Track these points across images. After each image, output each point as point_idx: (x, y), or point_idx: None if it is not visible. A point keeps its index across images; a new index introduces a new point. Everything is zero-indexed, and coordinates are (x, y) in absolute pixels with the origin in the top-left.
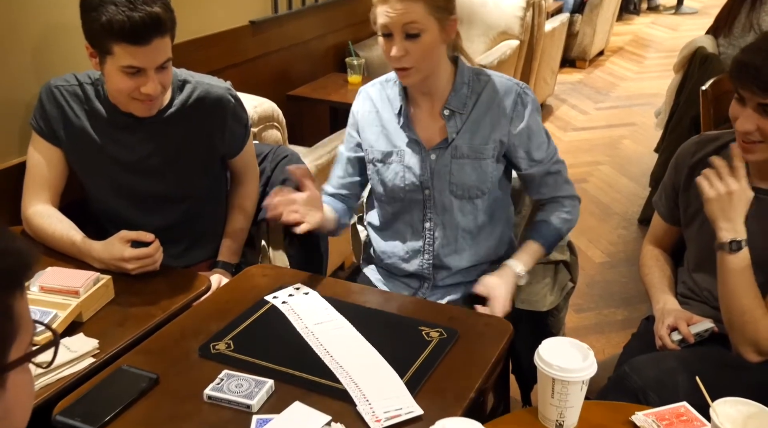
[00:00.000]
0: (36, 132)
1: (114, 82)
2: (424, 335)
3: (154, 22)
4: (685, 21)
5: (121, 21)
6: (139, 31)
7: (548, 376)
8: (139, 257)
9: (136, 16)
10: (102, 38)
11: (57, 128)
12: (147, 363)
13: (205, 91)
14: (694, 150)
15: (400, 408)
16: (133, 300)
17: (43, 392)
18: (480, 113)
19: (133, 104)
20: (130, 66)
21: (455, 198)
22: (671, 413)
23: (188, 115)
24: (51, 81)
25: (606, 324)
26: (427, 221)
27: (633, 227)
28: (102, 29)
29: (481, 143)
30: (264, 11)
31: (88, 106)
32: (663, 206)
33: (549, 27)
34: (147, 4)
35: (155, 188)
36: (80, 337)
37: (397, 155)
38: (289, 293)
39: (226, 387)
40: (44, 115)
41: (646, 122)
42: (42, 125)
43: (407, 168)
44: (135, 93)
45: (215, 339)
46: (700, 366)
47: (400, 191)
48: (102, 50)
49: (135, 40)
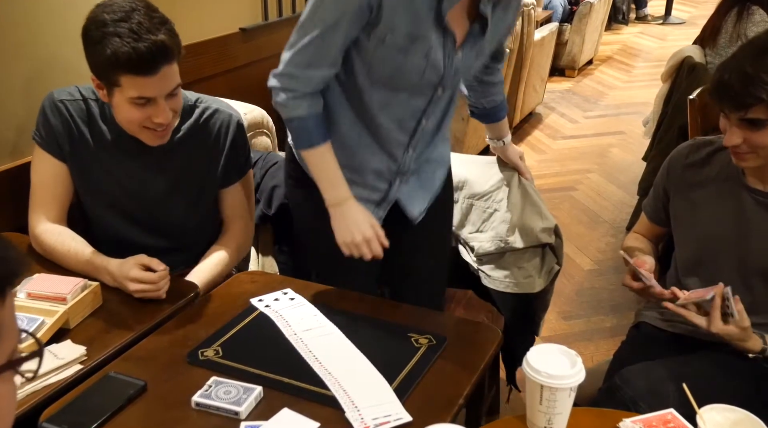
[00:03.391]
0: (39, 146)
1: (124, 114)
2: (413, 341)
3: (160, 50)
4: (673, 31)
5: (127, 53)
6: (146, 61)
7: (536, 383)
8: (143, 280)
9: (142, 47)
10: (108, 71)
11: (62, 142)
12: (135, 370)
13: (212, 115)
14: (687, 152)
15: (389, 414)
16: (121, 307)
17: (30, 399)
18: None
19: (145, 134)
20: (140, 97)
21: (453, 93)
22: (658, 420)
23: (193, 140)
24: (54, 94)
25: (594, 331)
26: (426, 118)
27: (621, 235)
28: (108, 62)
29: (493, 39)
30: (254, 18)
31: (92, 125)
32: (650, 205)
33: (538, 36)
34: (151, 33)
35: (156, 212)
36: (67, 344)
37: (423, 45)
38: (275, 297)
39: (214, 393)
40: (48, 129)
41: (635, 130)
42: (46, 139)
43: (432, 64)
44: (146, 122)
45: (204, 345)
46: (689, 376)
47: (408, 84)
48: (109, 82)
49: (142, 71)
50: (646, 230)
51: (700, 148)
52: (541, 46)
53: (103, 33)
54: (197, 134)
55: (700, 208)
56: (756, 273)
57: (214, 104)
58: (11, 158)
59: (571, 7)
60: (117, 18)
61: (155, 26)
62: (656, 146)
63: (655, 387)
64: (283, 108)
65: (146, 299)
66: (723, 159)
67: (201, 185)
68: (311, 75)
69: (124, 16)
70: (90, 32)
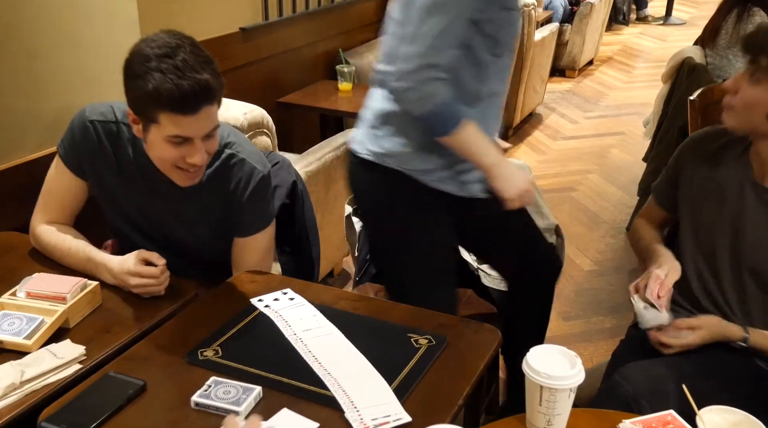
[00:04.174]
0: (62, 159)
1: (158, 151)
2: (412, 342)
3: (203, 90)
4: (674, 32)
5: (170, 89)
6: (188, 100)
7: (536, 383)
8: (143, 274)
9: (185, 85)
10: (148, 106)
11: (85, 164)
12: (134, 370)
13: (234, 165)
14: (702, 140)
15: (388, 415)
16: (121, 306)
17: (29, 398)
18: None
19: (176, 173)
20: (177, 136)
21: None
22: (658, 421)
23: (212, 186)
24: (87, 112)
25: (594, 332)
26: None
27: (621, 236)
28: (148, 97)
29: None
30: (254, 18)
31: (120, 149)
32: (660, 188)
33: (539, 36)
34: (195, 71)
35: (172, 238)
36: (67, 343)
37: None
38: (275, 297)
39: (213, 393)
40: (75, 148)
41: (635, 131)
42: (69, 155)
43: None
44: (180, 162)
45: (203, 345)
46: (690, 375)
47: (512, 46)
48: (147, 118)
49: (183, 110)
50: (653, 214)
51: (717, 136)
52: (542, 47)
53: (146, 68)
54: (217, 182)
55: (706, 197)
56: (747, 269)
57: (242, 154)
58: (11, 157)
59: (572, 8)
60: (161, 53)
61: (200, 65)
62: (656, 147)
63: (655, 385)
64: (427, 100)
65: (146, 298)
66: (737, 150)
67: (216, 229)
68: (448, 58)
69: (169, 52)
70: (132, 66)
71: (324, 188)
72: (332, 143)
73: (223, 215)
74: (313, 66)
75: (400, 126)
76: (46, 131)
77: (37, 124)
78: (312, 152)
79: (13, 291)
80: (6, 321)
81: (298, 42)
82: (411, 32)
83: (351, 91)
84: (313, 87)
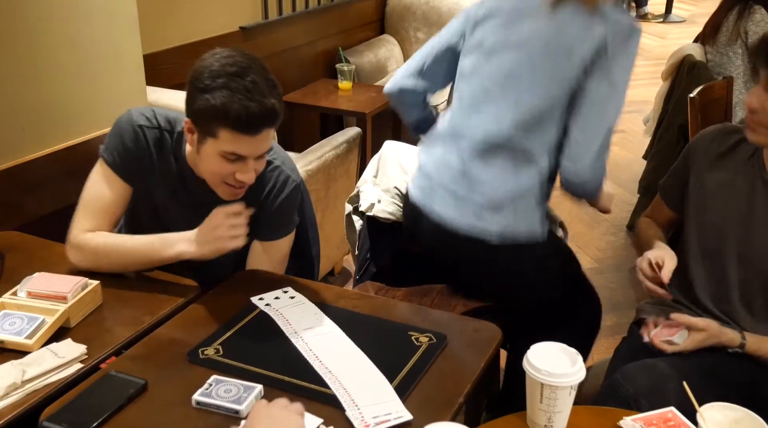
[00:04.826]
0: (109, 166)
1: (210, 165)
2: (413, 340)
3: (269, 114)
4: (674, 29)
5: (238, 110)
6: (254, 121)
7: (537, 381)
8: (237, 212)
9: (254, 107)
10: (211, 121)
11: (133, 168)
12: (135, 369)
13: (271, 170)
14: (713, 137)
15: (389, 413)
16: (122, 306)
17: (31, 398)
18: None
19: (222, 188)
20: (233, 153)
21: None
22: (659, 418)
23: (251, 190)
24: (133, 116)
25: None
26: None
27: (621, 234)
28: (214, 112)
29: None
30: (254, 17)
31: (163, 157)
32: (667, 185)
33: None
34: (264, 96)
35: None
36: (68, 342)
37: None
38: (276, 296)
39: (214, 392)
40: (123, 153)
41: (635, 129)
42: (119, 162)
43: None
44: (229, 178)
45: (204, 344)
46: (690, 373)
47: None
48: (206, 131)
49: (246, 130)
50: (658, 213)
51: (728, 134)
52: None
53: (216, 83)
54: (252, 188)
55: (714, 196)
56: (755, 267)
57: (278, 160)
58: (9, 157)
59: None
60: (233, 71)
61: (268, 89)
62: (656, 145)
63: (656, 384)
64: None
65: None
66: (747, 150)
67: (249, 238)
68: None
69: (241, 72)
70: (201, 78)
71: (324, 186)
72: (332, 142)
73: (254, 217)
74: (313, 65)
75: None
76: (44, 131)
77: (35, 124)
78: (312, 150)
79: (13, 291)
80: (7, 321)
81: (298, 41)
82: (597, 146)
83: (351, 90)
84: (313, 86)
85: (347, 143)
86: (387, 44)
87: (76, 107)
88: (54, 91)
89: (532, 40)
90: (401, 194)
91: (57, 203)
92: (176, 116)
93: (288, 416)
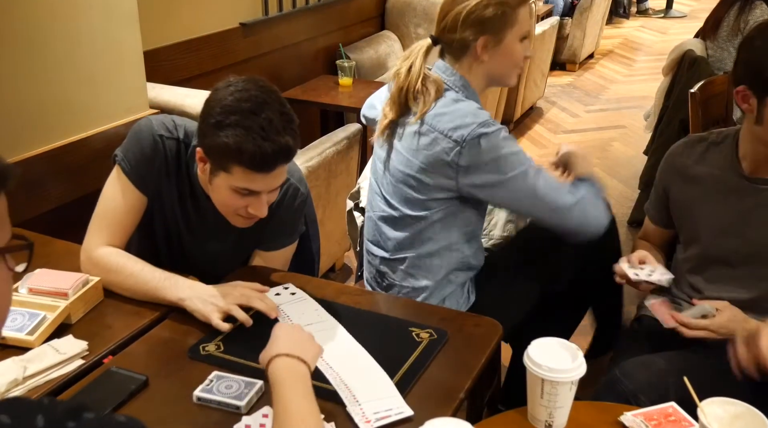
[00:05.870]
0: (124, 173)
1: (221, 197)
2: (414, 336)
3: (283, 153)
4: (674, 24)
5: (252, 151)
6: (268, 161)
7: (537, 377)
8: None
9: (268, 147)
10: (223, 157)
11: (149, 179)
12: (136, 365)
13: (282, 186)
14: (681, 151)
15: (390, 408)
16: (123, 302)
17: (32, 394)
18: None
19: (234, 218)
20: (245, 189)
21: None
22: (659, 413)
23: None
24: (154, 126)
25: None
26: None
27: (622, 229)
28: (227, 149)
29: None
30: (254, 13)
31: (180, 169)
32: (653, 209)
33: (539, 30)
34: (279, 134)
35: (198, 259)
36: (69, 339)
37: None
38: (277, 292)
39: (215, 388)
40: (142, 162)
41: (636, 124)
42: (136, 170)
43: None
44: (240, 210)
45: (205, 340)
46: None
47: None
48: (218, 165)
49: (259, 169)
50: (651, 234)
51: (694, 145)
52: (542, 41)
53: (229, 121)
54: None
55: (701, 205)
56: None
57: (293, 177)
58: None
59: (572, 1)
60: (247, 108)
61: (283, 126)
62: (657, 140)
63: (655, 380)
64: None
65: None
66: (718, 153)
67: (247, 246)
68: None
69: (256, 109)
70: (213, 113)
71: (325, 183)
72: (333, 138)
73: (258, 233)
74: (314, 61)
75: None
76: (44, 128)
77: (35, 121)
78: (313, 147)
79: (15, 287)
80: (8, 317)
81: (298, 37)
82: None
83: (351, 86)
84: (314, 82)
85: (348, 139)
86: (387, 40)
87: (75, 104)
88: (53, 88)
89: None
90: None
91: (58, 200)
92: (195, 130)
93: (310, 339)
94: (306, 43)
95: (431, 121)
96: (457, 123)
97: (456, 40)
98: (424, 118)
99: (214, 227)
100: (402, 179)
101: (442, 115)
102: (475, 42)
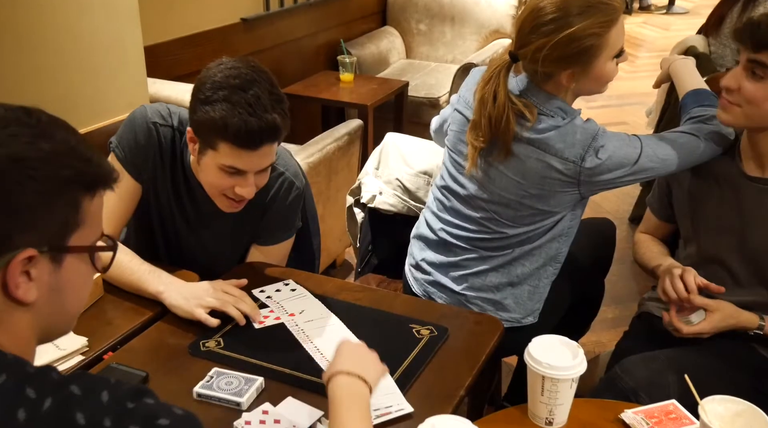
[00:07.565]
0: (119, 160)
1: (209, 176)
2: (414, 332)
3: (270, 129)
4: (677, 21)
5: (237, 125)
6: (253, 137)
7: (538, 374)
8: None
9: (253, 122)
10: (210, 133)
11: (144, 166)
12: (136, 361)
13: (278, 177)
14: None
15: (390, 405)
16: (122, 298)
17: None
18: None
19: (221, 199)
20: (232, 167)
21: None
22: (660, 411)
23: (253, 199)
24: (148, 113)
25: (596, 322)
26: None
27: (624, 226)
28: (213, 124)
29: None
30: (256, 9)
31: (175, 156)
32: (656, 202)
33: None
34: (266, 111)
35: (195, 251)
36: (69, 335)
37: None
38: (277, 288)
39: (215, 384)
40: (135, 150)
41: (638, 121)
42: (129, 158)
43: None
44: (228, 191)
45: (205, 336)
46: (691, 367)
47: None
48: (206, 143)
49: (245, 145)
50: (653, 229)
51: None
52: None
53: (217, 95)
54: (262, 192)
55: (702, 201)
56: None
57: (281, 166)
58: None
59: None
60: (235, 84)
61: (271, 104)
62: None
63: (655, 377)
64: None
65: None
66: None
67: (242, 239)
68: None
69: (244, 85)
70: (203, 89)
71: (325, 179)
72: (334, 134)
73: (253, 225)
74: (315, 57)
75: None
76: None
77: None
78: (313, 142)
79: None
80: None
81: (299, 33)
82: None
83: (352, 82)
84: (315, 78)
85: (349, 135)
86: (389, 36)
87: (76, 99)
88: (54, 83)
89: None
90: (403, 186)
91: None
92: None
93: (374, 359)
94: (307, 39)
95: (537, 144)
96: (569, 141)
97: (539, 72)
98: (525, 141)
99: (209, 216)
100: (505, 203)
101: (547, 137)
102: (559, 75)
